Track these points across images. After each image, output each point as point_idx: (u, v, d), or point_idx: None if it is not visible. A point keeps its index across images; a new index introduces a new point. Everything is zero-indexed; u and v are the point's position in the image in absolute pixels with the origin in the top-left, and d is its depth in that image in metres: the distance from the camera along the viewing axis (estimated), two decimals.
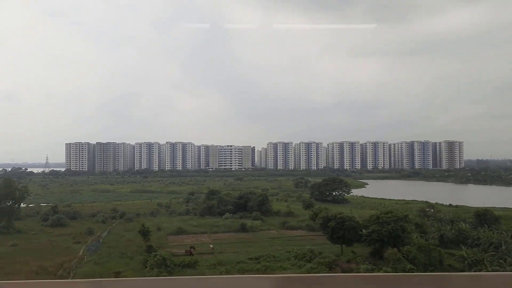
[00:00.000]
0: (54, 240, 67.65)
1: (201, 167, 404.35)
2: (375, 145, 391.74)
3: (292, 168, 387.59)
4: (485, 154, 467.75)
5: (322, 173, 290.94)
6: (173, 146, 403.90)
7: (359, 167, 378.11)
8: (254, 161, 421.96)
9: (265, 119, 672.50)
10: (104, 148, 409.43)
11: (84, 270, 49.26)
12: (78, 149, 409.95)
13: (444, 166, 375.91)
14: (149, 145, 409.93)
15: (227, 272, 46.53)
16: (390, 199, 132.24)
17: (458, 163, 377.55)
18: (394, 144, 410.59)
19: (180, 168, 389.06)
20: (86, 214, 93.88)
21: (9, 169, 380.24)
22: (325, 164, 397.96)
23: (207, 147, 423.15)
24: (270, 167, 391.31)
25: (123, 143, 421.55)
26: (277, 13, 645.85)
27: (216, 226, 76.35)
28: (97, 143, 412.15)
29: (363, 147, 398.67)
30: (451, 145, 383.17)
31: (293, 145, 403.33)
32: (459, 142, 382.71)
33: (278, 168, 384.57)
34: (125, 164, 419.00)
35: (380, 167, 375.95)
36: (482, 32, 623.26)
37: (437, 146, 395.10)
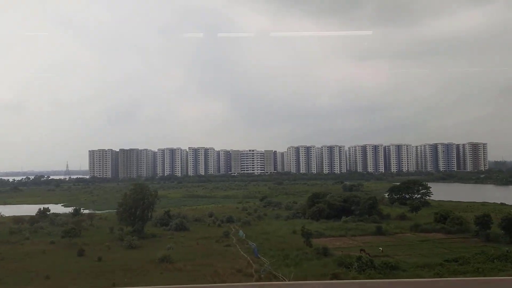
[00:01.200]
0: (202, 243, 67.75)
1: (221, 172, 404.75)
2: (398, 147, 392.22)
3: (315, 172, 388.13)
4: (496, 156, 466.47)
5: (352, 176, 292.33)
6: (195, 151, 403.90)
7: (383, 170, 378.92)
8: (277, 165, 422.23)
9: (270, 125, 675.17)
10: (128, 155, 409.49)
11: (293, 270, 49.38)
12: (102, 156, 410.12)
13: (469, 168, 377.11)
14: (172, 151, 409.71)
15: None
16: (464, 202, 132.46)
17: (482, 165, 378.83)
18: (417, 146, 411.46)
19: (203, 173, 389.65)
20: (191, 218, 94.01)
21: (32, 177, 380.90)
22: (347, 168, 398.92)
23: (228, 152, 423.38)
24: (292, 171, 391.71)
25: (145, 149, 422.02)
26: (283, 19, 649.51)
27: (346, 229, 76.66)
28: (120, 149, 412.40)
29: (386, 149, 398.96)
30: (475, 146, 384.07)
31: (315, 149, 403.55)
32: (483, 144, 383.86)
33: (301, 172, 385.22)
34: (147, 170, 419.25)
35: (404, 170, 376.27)
36: (491, 33, 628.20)
37: (461, 148, 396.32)
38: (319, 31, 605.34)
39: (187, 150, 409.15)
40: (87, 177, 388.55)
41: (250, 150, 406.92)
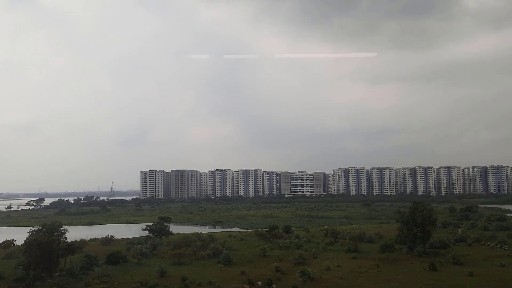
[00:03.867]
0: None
1: (268, 194, 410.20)
2: (448, 170, 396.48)
3: (365, 193, 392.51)
4: None
5: (408, 198, 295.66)
6: (245, 173, 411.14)
7: (434, 193, 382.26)
8: (326, 187, 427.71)
9: (279, 146, 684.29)
10: (180, 176, 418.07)
11: None
12: (154, 177, 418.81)
13: None
14: (222, 172, 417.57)
15: None
16: None
17: None
18: (464, 169, 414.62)
19: (253, 194, 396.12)
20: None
21: (82, 198, 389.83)
22: (396, 190, 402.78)
23: (278, 174, 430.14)
24: (340, 192, 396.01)
25: (195, 171, 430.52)
26: (301, 42, 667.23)
27: None
28: (172, 170, 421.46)
29: (434, 172, 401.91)
30: None
31: (364, 170, 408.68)
32: None
33: (351, 193, 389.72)
34: (197, 190, 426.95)
35: (456, 193, 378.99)
36: (504, 57, 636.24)
37: (510, 170, 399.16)
38: (331, 54, 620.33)
39: (237, 171, 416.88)
40: (139, 197, 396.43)
41: (299, 172, 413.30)
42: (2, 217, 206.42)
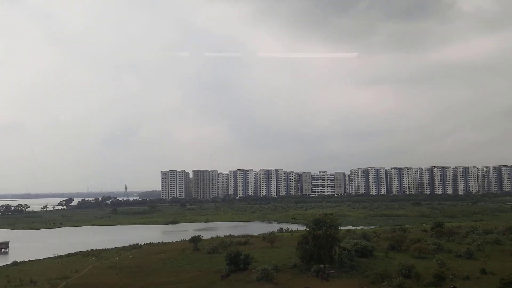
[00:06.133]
0: None
1: (290, 193, 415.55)
2: (465, 170, 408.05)
3: (385, 193, 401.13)
4: None
5: (431, 197, 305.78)
6: (267, 173, 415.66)
7: (451, 192, 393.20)
8: (347, 187, 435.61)
9: (269, 147, 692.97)
10: (201, 176, 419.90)
11: None
12: (175, 177, 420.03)
13: None
14: (244, 172, 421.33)
15: None
16: None
17: None
18: (478, 168, 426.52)
19: (275, 195, 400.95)
20: None
21: (100, 198, 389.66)
22: (415, 189, 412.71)
23: (298, 174, 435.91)
24: (360, 192, 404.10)
25: (216, 171, 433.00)
26: (298, 43, 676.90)
27: None
28: (193, 171, 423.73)
29: (450, 171, 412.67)
30: None
31: (384, 170, 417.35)
32: None
33: (372, 193, 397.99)
34: (218, 191, 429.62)
35: (473, 191, 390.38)
36: (495, 59, 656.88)
37: None
38: (325, 54, 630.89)
39: (259, 171, 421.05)
40: (163, 197, 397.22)
41: (320, 172, 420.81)
42: (59, 217, 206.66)
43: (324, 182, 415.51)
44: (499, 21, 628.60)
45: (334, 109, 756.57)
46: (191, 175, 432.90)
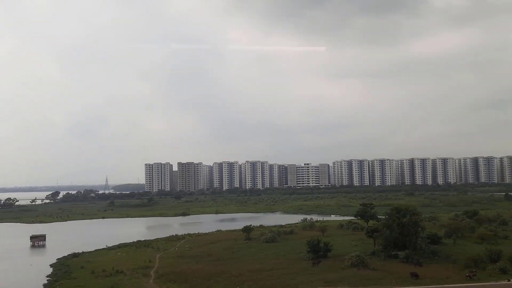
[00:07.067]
0: None
1: (275, 185, 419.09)
2: (444, 161, 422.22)
3: (368, 184, 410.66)
4: None
5: (415, 188, 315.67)
6: (253, 165, 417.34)
7: (431, 183, 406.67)
8: (330, 178, 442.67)
9: (238, 139, 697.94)
10: (186, 169, 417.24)
11: None
12: (160, 170, 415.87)
13: (507, 180, 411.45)
14: (230, 165, 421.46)
15: None
16: None
17: None
18: (456, 159, 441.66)
19: (260, 187, 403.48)
20: None
21: (82, 191, 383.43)
22: (396, 180, 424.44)
23: (284, 166, 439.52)
24: (344, 184, 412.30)
25: (201, 163, 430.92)
26: (271, 36, 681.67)
27: None
28: (178, 163, 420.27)
29: (430, 162, 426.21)
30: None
31: (367, 162, 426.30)
32: None
33: (355, 184, 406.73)
34: (204, 183, 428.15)
35: (452, 182, 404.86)
36: (464, 53, 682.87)
37: (498, 161, 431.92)
38: (298, 47, 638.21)
39: (245, 163, 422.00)
40: (149, 190, 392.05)
41: (305, 164, 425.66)
42: (57, 211, 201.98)
43: (308, 174, 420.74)
44: (468, 16, 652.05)
45: (305, 101, 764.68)
46: (174, 168, 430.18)
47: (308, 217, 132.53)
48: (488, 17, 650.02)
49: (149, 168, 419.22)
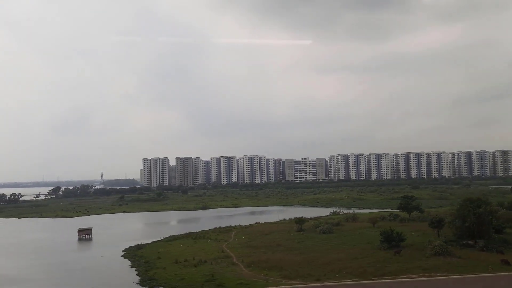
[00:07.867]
0: None
1: (273, 180, 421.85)
2: (438, 155, 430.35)
3: (364, 178, 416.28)
4: None
5: (408, 182, 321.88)
6: (251, 159, 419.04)
7: (425, 176, 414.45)
8: (328, 172, 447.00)
9: (226, 134, 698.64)
10: (185, 163, 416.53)
11: None
12: (158, 165, 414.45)
13: (500, 174, 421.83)
14: (228, 159, 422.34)
15: None
16: None
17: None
18: (449, 153, 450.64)
19: (259, 181, 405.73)
20: None
21: (79, 186, 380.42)
22: (391, 174, 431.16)
23: (280, 161, 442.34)
24: (341, 178, 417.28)
25: (199, 158, 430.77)
26: (261, 31, 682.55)
27: None
28: (176, 158, 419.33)
29: (419, 157, 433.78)
30: (505, 154, 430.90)
31: (364, 156, 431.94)
32: None
33: (352, 178, 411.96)
34: (201, 178, 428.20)
35: (446, 176, 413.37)
36: (449, 50, 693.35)
37: (490, 155, 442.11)
38: (287, 41, 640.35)
39: (243, 158, 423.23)
40: (148, 185, 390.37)
41: (303, 159, 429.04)
42: (68, 205, 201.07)
43: (306, 168, 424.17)
44: (455, 12, 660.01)
45: (294, 96, 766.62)
46: (171, 163, 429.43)
47: (337, 210, 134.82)
48: (475, 13, 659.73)
49: (147, 163, 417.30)
